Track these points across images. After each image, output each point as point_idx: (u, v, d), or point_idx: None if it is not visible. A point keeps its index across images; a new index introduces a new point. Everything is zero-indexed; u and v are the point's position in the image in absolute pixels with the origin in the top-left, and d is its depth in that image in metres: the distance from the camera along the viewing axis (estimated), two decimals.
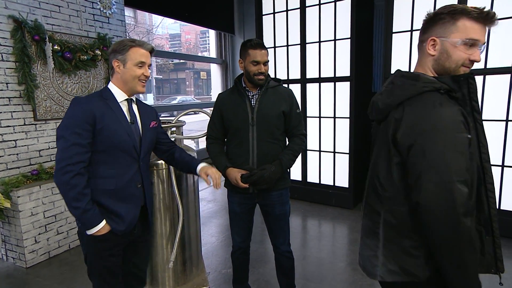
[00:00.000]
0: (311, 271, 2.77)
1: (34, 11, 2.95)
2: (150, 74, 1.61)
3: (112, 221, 1.51)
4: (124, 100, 1.58)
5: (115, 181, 1.52)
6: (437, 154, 0.99)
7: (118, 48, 1.52)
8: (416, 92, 1.07)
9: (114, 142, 1.49)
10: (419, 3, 3.39)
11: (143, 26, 20.26)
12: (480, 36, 1.05)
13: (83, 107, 1.45)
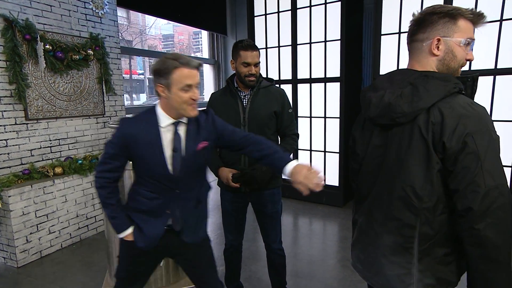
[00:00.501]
0: (302, 268, 2.77)
1: (25, 10, 2.89)
2: (199, 96, 1.39)
3: (136, 234, 1.49)
4: (171, 124, 1.42)
5: (149, 204, 1.48)
6: (488, 156, 0.95)
7: (160, 70, 1.34)
8: (448, 93, 1.01)
9: (146, 171, 1.45)
10: (407, 7, 3.42)
11: (136, 26, 20.06)
12: (474, 36, 1.06)
13: (121, 131, 1.40)
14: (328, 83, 4.08)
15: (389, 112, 1.07)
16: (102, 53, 3.51)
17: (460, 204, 0.97)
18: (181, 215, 1.53)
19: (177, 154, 1.43)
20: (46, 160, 3.16)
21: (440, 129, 0.99)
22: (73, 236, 3.29)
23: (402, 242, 1.08)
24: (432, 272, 1.06)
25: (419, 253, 1.06)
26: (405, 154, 1.05)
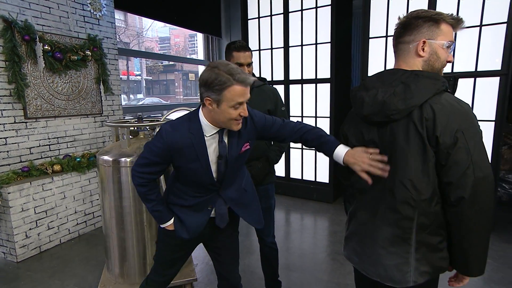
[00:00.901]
0: (294, 262, 2.80)
1: (24, 11, 2.87)
2: (247, 114, 1.31)
3: (178, 226, 1.52)
4: (215, 133, 1.37)
5: (191, 201, 1.49)
6: (477, 150, 1.01)
7: (213, 85, 1.22)
8: (438, 90, 1.05)
9: (191, 178, 1.43)
10: (393, 11, 3.46)
11: (134, 29, 19.94)
12: (453, 39, 1.10)
13: (164, 143, 1.33)
14: (318, 84, 4.12)
15: (384, 109, 1.09)
16: (100, 54, 3.50)
17: (453, 194, 1.02)
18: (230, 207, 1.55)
19: (222, 161, 1.40)
20: (45, 158, 3.14)
21: (433, 125, 1.02)
22: (72, 232, 3.28)
23: (400, 234, 1.11)
24: (427, 260, 1.11)
25: (416, 243, 1.10)
26: (402, 149, 1.08)
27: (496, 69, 3.10)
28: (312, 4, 3.98)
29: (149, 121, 2.29)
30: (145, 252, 2.23)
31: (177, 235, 1.52)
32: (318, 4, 3.94)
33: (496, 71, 3.11)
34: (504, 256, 2.84)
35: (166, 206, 1.52)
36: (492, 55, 3.11)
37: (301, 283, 2.48)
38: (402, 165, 1.08)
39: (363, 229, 1.23)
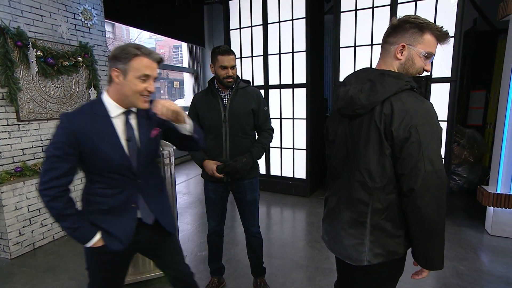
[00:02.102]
0: (276, 250, 2.82)
1: (16, 19, 2.76)
2: (154, 89, 1.23)
3: (106, 238, 1.26)
4: (121, 113, 1.24)
5: (109, 201, 1.26)
6: (430, 145, 1.00)
7: (120, 55, 1.16)
8: (400, 89, 1.06)
9: (104, 165, 1.22)
10: (360, 25, 3.60)
11: (121, 39, 19.47)
12: (435, 51, 1.09)
13: (66, 128, 1.16)
14: (295, 88, 4.18)
15: (351, 104, 1.11)
16: (91, 60, 3.42)
17: (405, 185, 1.03)
18: (149, 206, 1.34)
19: (132, 143, 1.25)
20: (37, 158, 3.02)
21: (390, 120, 1.03)
22: None
23: (357, 217, 1.14)
24: (381, 243, 1.12)
25: (371, 226, 1.12)
26: (364, 141, 1.10)
27: (447, 76, 3.29)
28: (288, 16, 4.05)
29: None
30: None
31: (110, 248, 1.26)
32: (294, 17, 4.02)
33: (447, 78, 3.29)
34: (455, 237, 3.01)
35: (87, 220, 1.25)
36: (443, 64, 3.29)
37: (283, 269, 2.52)
38: (363, 156, 1.10)
39: (332, 212, 1.27)
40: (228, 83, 1.89)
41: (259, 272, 2.24)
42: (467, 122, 5.01)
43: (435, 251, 1.06)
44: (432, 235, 1.04)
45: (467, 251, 2.74)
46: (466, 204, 3.85)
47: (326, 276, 2.39)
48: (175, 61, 27.04)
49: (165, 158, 2.25)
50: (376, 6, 3.48)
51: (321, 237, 1.39)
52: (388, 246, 1.12)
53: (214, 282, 2.24)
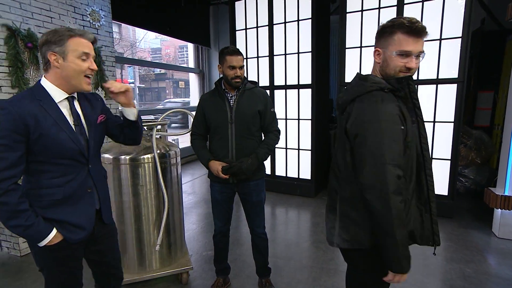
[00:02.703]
0: (280, 251, 2.83)
1: (27, 21, 2.81)
2: (96, 68, 1.24)
3: (66, 231, 1.21)
4: (64, 99, 1.21)
5: (63, 190, 1.19)
6: (375, 142, 1.05)
7: (53, 39, 1.13)
8: (365, 90, 1.12)
9: (56, 151, 1.16)
10: (367, 25, 3.59)
11: (128, 40, 19.64)
12: (413, 47, 1.09)
13: (11, 114, 1.08)
14: (301, 89, 4.19)
15: (337, 105, 1.28)
16: (98, 61, 3.46)
17: (358, 178, 1.10)
18: (100, 193, 1.33)
19: (79, 128, 1.23)
20: None
21: (348, 117, 1.15)
22: None
23: (331, 203, 1.29)
24: (347, 230, 1.20)
25: (339, 212, 1.22)
26: (338, 136, 1.24)
27: (454, 77, 3.27)
28: (294, 17, 4.06)
29: (146, 121, 2.29)
30: (143, 244, 2.22)
31: (72, 240, 1.22)
32: (299, 18, 4.02)
33: (454, 79, 3.27)
34: (462, 239, 2.99)
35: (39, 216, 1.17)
36: (450, 65, 3.27)
37: (288, 269, 2.52)
38: (337, 149, 1.26)
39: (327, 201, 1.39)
40: (236, 83, 1.90)
41: (264, 272, 2.25)
42: (474, 123, 4.96)
43: (390, 251, 1.06)
44: (384, 233, 1.05)
45: (474, 254, 2.72)
46: (473, 206, 3.82)
47: (331, 277, 2.39)
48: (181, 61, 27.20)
49: (171, 158, 2.28)
50: (382, 6, 3.47)
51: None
52: (354, 234, 1.18)
53: (220, 282, 2.25)
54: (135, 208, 2.16)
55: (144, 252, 2.23)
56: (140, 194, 2.15)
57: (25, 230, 1.12)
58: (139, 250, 2.22)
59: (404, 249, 1.06)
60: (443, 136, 3.41)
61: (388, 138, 1.05)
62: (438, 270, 2.49)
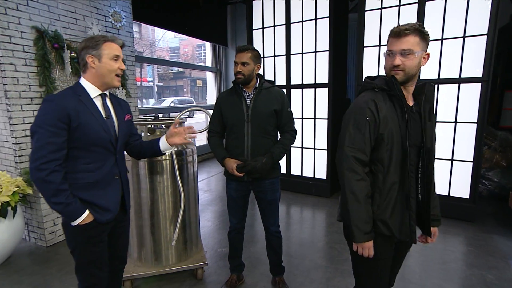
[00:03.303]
0: (295, 250, 2.83)
1: (54, 22, 2.94)
2: (125, 67, 1.47)
3: (96, 212, 1.38)
4: (98, 95, 1.42)
5: (94, 175, 1.38)
6: (343, 129, 1.29)
7: (91, 44, 1.35)
8: (361, 89, 1.34)
9: (91, 138, 1.35)
10: (386, 23, 3.52)
11: (147, 39, 20.07)
12: (395, 47, 1.22)
13: (57, 105, 1.28)
14: (317, 88, 4.16)
15: None
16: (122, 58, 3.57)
17: None
18: (123, 181, 1.51)
19: (110, 121, 1.43)
20: None
21: None
22: None
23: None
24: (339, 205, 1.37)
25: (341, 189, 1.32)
26: None
27: (478, 76, 3.15)
28: (311, 16, 4.03)
29: (165, 119, 2.34)
30: (160, 239, 2.28)
31: (100, 221, 1.39)
32: (317, 16, 3.99)
33: (478, 78, 3.15)
34: (484, 245, 2.88)
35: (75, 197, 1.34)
36: (474, 63, 3.16)
37: (302, 269, 2.53)
38: None
39: None
40: (238, 79, 1.92)
41: (278, 270, 2.26)
42: (500, 124, 4.75)
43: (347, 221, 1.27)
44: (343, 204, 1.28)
45: (497, 260, 2.62)
46: (497, 210, 3.67)
47: (345, 278, 2.38)
48: (198, 60, 27.51)
49: (188, 156, 2.33)
50: (402, 4, 3.39)
51: None
52: (340, 209, 1.35)
53: (234, 279, 2.29)
54: (152, 203, 2.22)
55: (160, 247, 2.29)
56: (158, 190, 2.21)
57: (65, 207, 1.28)
58: (155, 244, 2.28)
59: (357, 221, 1.23)
60: (465, 137, 3.30)
61: (352, 125, 1.26)
62: (458, 275, 2.42)
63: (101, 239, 1.45)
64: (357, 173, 1.22)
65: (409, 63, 1.20)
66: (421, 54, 1.20)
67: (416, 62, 1.21)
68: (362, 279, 1.41)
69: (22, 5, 2.71)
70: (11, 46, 2.66)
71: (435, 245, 2.86)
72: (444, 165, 3.44)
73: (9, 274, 2.46)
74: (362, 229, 1.22)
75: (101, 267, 1.47)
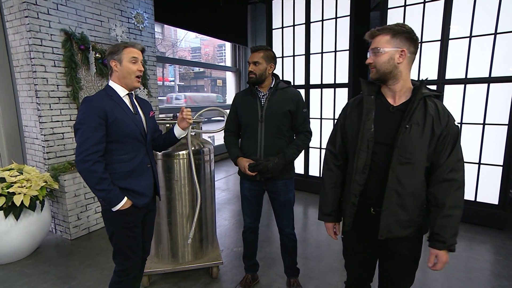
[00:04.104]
0: (311, 251, 2.80)
1: (81, 25, 3.07)
2: (143, 69, 1.61)
3: (134, 198, 1.54)
4: (126, 94, 1.58)
5: (129, 164, 1.54)
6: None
7: (114, 50, 1.53)
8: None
9: (125, 131, 1.51)
10: (410, 21, 3.40)
11: (169, 40, 20.52)
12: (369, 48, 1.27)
13: (95, 104, 1.45)
14: (337, 88, 4.09)
15: None
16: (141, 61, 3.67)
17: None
18: (154, 169, 1.68)
19: (138, 116, 1.60)
20: None
21: None
22: None
23: None
24: None
25: None
26: None
27: (510, 75, 2.98)
28: (332, 14, 3.97)
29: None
30: (176, 237, 2.32)
31: (139, 204, 1.55)
32: (337, 15, 3.93)
33: (510, 77, 2.98)
34: None
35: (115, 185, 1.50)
36: (506, 62, 2.99)
37: (318, 271, 2.49)
38: None
39: None
40: (249, 79, 1.93)
41: (292, 272, 2.24)
42: None
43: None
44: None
45: None
46: None
47: None
48: (219, 59, 27.80)
49: (205, 155, 2.36)
50: (428, 1, 3.26)
51: None
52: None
53: (248, 278, 2.29)
54: (169, 202, 2.26)
55: (177, 245, 2.33)
56: (175, 188, 2.25)
57: (108, 193, 1.44)
58: (172, 242, 2.32)
59: (321, 203, 1.49)
60: (495, 140, 3.14)
61: (334, 125, 1.46)
62: (484, 285, 2.30)
63: (136, 225, 1.59)
64: (327, 164, 1.46)
65: (378, 60, 1.23)
66: (389, 51, 1.20)
67: (386, 59, 1.21)
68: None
69: (52, 9, 2.84)
70: (42, 48, 2.81)
71: (460, 253, 2.73)
72: (471, 169, 3.28)
73: (37, 264, 2.60)
74: (322, 210, 1.47)
75: (136, 252, 1.62)
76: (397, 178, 1.21)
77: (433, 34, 3.27)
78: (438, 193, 1.22)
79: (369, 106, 1.28)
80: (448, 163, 1.20)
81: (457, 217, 1.21)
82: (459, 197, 1.21)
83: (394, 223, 1.24)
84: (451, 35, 3.19)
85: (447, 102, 3.26)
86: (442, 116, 1.20)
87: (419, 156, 1.20)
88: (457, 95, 3.26)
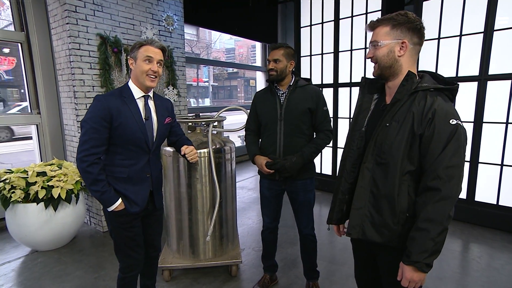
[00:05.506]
0: (334, 255, 2.71)
1: (115, 29, 3.25)
2: (158, 70, 1.52)
3: (126, 203, 1.52)
4: (141, 96, 1.53)
5: (127, 171, 1.51)
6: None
7: (133, 48, 1.50)
8: None
9: (128, 138, 1.47)
10: (447, 14, 3.16)
11: (204, 41, 21.07)
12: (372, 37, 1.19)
13: (102, 105, 1.42)
14: None
15: None
16: (171, 62, 3.80)
17: None
18: (154, 180, 1.62)
19: (149, 122, 1.54)
20: None
21: None
22: None
23: None
24: None
25: None
26: None
27: None
28: (362, 10, 3.81)
29: (205, 117, 2.41)
30: (197, 234, 2.35)
31: (129, 211, 1.51)
32: (368, 10, 3.76)
33: None
34: None
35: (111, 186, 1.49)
36: None
37: (340, 275, 2.41)
38: None
39: None
40: (270, 76, 1.91)
41: (312, 275, 2.19)
42: None
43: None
44: None
45: None
46: None
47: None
48: (252, 60, 28.02)
49: (226, 153, 2.37)
50: None
51: None
52: None
53: (266, 279, 2.27)
54: (190, 199, 2.31)
55: (197, 241, 2.37)
56: (196, 186, 2.29)
57: (101, 195, 1.45)
58: (193, 239, 2.37)
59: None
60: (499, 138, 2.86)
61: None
62: None
63: (132, 225, 1.58)
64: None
65: (377, 53, 1.14)
66: (389, 43, 1.11)
67: (385, 52, 1.12)
68: None
69: (90, 15, 3.04)
70: (80, 52, 3.01)
71: (503, 266, 2.48)
72: (493, 170, 3.01)
73: (73, 253, 2.79)
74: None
75: (135, 250, 1.62)
76: (373, 178, 1.14)
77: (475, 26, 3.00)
78: (418, 202, 1.07)
79: (365, 105, 1.25)
80: (432, 169, 1.03)
81: (431, 232, 1.01)
82: (438, 211, 1.01)
83: (368, 224, 1.17)
84: (496, 26, 2.91)
85: (490, 101, 2.98)
86: (426, 113, 1.04)
87: (395, 158, 1.08)
88: (503, 91, 2.96)
